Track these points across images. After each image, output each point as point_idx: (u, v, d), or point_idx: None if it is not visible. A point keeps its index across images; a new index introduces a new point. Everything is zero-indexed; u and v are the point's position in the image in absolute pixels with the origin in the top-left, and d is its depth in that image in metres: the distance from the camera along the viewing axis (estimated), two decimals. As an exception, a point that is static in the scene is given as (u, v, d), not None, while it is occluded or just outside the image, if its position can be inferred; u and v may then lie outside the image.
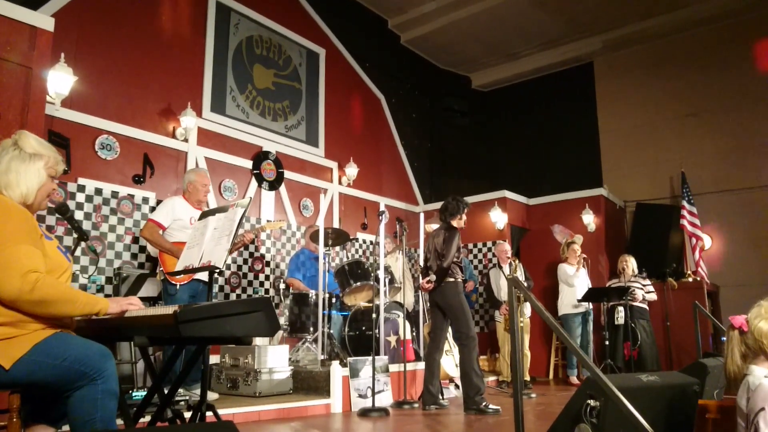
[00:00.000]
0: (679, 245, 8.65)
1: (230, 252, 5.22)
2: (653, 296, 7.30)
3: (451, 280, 4.97)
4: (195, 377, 4.52)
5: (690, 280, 7.98)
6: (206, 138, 6.53)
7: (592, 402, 2.53)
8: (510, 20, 9.54)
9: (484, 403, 4.65)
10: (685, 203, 8.40)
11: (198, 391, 4.19)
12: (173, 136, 6.22)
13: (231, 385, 5.02)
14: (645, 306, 7.22)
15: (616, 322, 6.93)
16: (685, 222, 8.28)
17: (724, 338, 2.27)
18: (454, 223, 5.15)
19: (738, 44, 8.96)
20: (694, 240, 8.26)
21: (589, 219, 8.50)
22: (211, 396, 4.58)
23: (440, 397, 5.17)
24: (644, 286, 7.23)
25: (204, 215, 3.13)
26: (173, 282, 4.50)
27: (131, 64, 5.98)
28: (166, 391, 2.67)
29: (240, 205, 2.86)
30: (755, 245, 8.43)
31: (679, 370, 3.76)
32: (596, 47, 10.11)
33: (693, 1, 8.89)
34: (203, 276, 4.67)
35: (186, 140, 6.28)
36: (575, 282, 7.30)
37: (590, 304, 7.28)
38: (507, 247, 7.41)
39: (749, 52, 8.83)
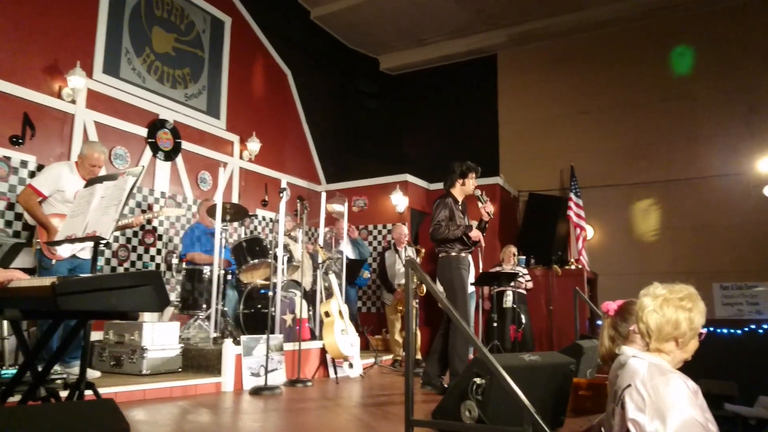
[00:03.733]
0: (565, 234, 9.21)
1: (118, 229, 4.94)
2: (530, 284, 7.84)
3: (443, 254, 4.79)
4: (74, 354, 4.27)
5: (572, 267, 8.52)
6: (97, 101, 6.11)
7: (478, 380, 2.65)
8: (421, 5, 9.61)
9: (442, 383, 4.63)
10: (572, 195, 8.95)
11: (77, 369, 3.96)
12: (59, 96, 5.76)
13: (114, 363, 4.77)
14: (524, 292, 7.75)
15: (504, 305, 7.31)
16: (571, 213, 8.82)
17: (600, 322, 2.44)
18: (453, 191, 4.96)
19: (631, 49, 9.58)
20: (578, 230, 8.83)
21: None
22: (92, 374, 4.33)
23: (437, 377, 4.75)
24: (522, 275, 7.70)
25: (90, 182, 2.94)
26: (49, 256, 4.19)
27: (12, 12, 5.45)
28: (40, 369, 2.49)
29: (131, 173, 2.71)
30: (632, 237, 9.18)
31: (558, 351, 4.03)
32: (501, 40, 10.44)
33: (597, 3, 9.36)
34: (84, 254, 4.38)
35: (74, 102, 5.84)
36: None
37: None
38: (405, 230, 7.54)
39: (640, 56, 9.46)
